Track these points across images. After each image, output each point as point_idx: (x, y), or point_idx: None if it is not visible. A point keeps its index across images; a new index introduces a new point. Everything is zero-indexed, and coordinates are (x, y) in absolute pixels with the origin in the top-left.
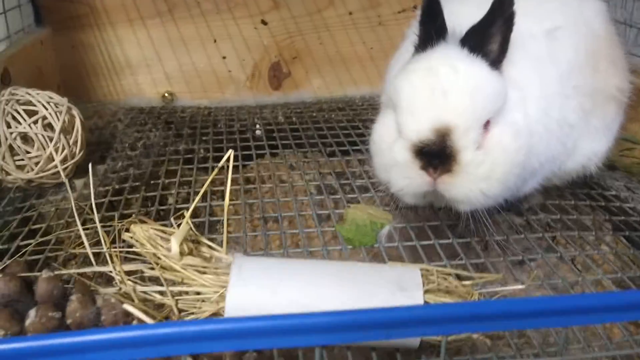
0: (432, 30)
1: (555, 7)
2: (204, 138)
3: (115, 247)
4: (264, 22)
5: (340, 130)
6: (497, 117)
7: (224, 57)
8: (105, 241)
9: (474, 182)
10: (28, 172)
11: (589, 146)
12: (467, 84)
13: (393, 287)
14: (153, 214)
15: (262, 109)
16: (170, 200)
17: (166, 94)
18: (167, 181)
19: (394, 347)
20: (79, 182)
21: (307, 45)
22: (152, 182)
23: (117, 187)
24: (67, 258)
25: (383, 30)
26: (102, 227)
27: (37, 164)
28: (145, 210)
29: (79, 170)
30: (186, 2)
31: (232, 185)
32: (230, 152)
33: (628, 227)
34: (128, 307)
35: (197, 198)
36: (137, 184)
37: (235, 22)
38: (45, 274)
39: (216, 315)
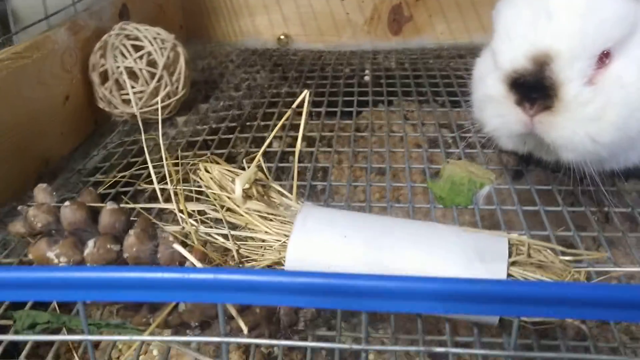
0: None
1: None
2: (308, 82)
3: (181, 186)
4: None
5: (455, 79)
6: (620, 49)
7: None
8: (172, 178)
9: (579, 123)
10: (133, 106)
11: None
12: (580, 2)
13: (472, 255)
14: (242, 157)
15: (375, 54)
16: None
17: (282, 37)
18: (262, 124)
19: (471, 321)
20: (180, 119)
21: None
22: (247, 123)
23: (214, 126)
24: (150, 195)
25: None
26: (179, 164)
27: (141, 99)
28: (236, 151)
29: (182, 107)
30: None
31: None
32: (306, 93)
33: None
34: (178, 247)
35: (269, 139)
36: (233, 124)
37: None
38: (109, 205)
39: (278, 264)
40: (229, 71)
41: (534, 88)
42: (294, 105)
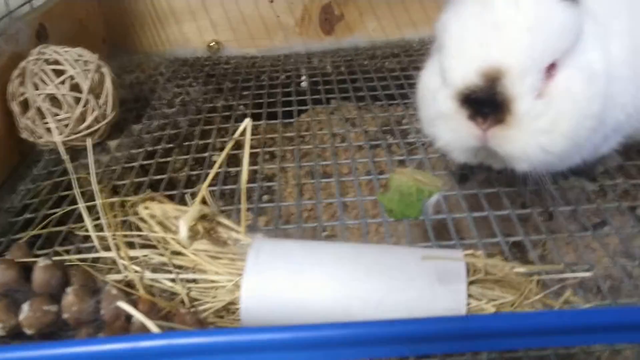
0: None
1: None
2: (244, 93)
3: (120, 227)
4: None
5: (392, 81)
6: (565, 59)
7: (272, 1)
8: (108, 223)
9: (531, 136)
10: (59, 134)
11: None
12: (527, 16)
13: (431, 278)
14: (183, 182)
15: (310, 57)
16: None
17: (212, 43)
18: (200, 143)
19: None
20: (112, 144)
21: None
22: (185, 143)
23: (149, 149)
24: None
25: None
26: (114, 203)
27: (66, 126)
28: (177, 175)
29: (113, 130)
30: None
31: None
32: (248, 123)
33: None
34: (123, 305)
35: (213, 171)
36: (170, 145)
37: None
38: (42, 262)
39: (232, 304)
40: (159, 85)
41: (486, 103)
42: (235, 135)
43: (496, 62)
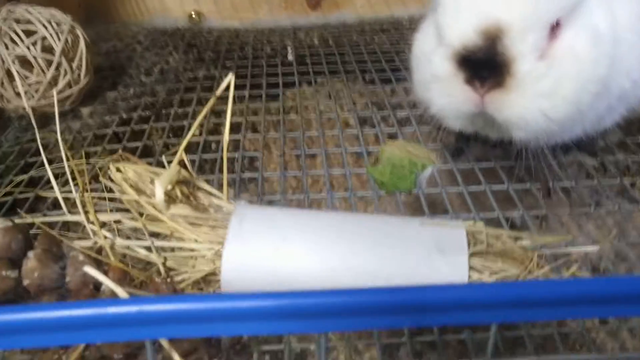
0: None
1: None
2: (227, 63)
3: (90, 191)
4: None
5: (382, 55)
6: (570, 18)
7: None
8: (77, 184)
9: (532, 100)
10: (29, 99)
11: None
12: None
13: (430, 248)
14: (159, 149)
15: (296, 31)
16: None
17: (193, 14)
18: (179, 111)
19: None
20: (85, 110)
21: None
22: (163, 111)
23: (124, 116)
24: (53, 203)
25: None
26: (84, 164)
27: (37, 90)
28: (152, 143)
29: (87, 97)
30: None
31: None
32: (230, 78)
33: None
34: (90, 269)
35: (191, 131)
36: (147, 113)
37: None
38: (1, 223)
39: (212, 275)
40: (137, 54)
41: (485, 65)
42: (218, 92)
43: (497, 19)
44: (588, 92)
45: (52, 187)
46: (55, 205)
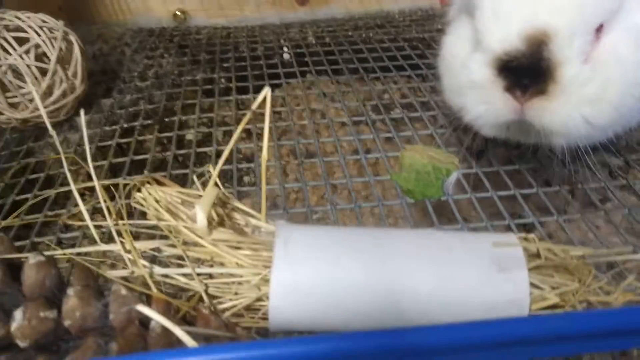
0: None
1: None
2: (224, 65)
3: (123, 219)
4: None
5: (383, 53)
6: (612, 21)
7: None
8: (109, 211)
9: (576, 106)
10: (22, 110)
11: None
12: None
13: (488, 265)
14: (170, 161)
15: (288, 28)
16: (189, 139)
17: (178, 13)
18: (184, 118)
19: None
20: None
21: None
22: (166, 119)
23: (125, 126)
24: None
25: None
26: (104, 186)
27: (31, 100)
28: (162, 155)
29: (81, 105)
30: None
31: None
32: (267, 91)
33: None
34: (142, 308)
35: (227, 150)
36: (149, 122)
37: None
38: (32, 258)
39: (259, 301)
40: (127, 57)
41: (527, 71)
42: (254, 106)
43: (543, 24)
44: (631, 96)
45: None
46: (67, 227)
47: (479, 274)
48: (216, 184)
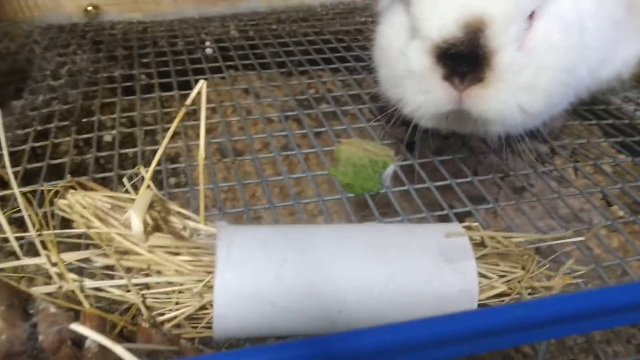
0: None
1: None
2: (143, 60)
3: (47, 229)
4: None
5: (310, 46)
6: (542, 7)
7: None
8: (32, 221)
9: (512, 93)
10: None
11: (627, 48)
12: None
13: (436, 256)
14: (91, 164)
15: (208, 21)
16: (108, 141)
17: (89, 8)
18: (103, 118)
19: None
20: None
21: None
22: (83, 120)
23: (39, 128)
24: None
25: None
26: (22, 193)
27: None
28: (80, 158)
29: None
30: None
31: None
32: (203, 83)
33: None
34: (76, 326)
35: (161, 149)
36: (65, 123)
37: None
38: None
39: (202, 310)
40: (37, 55)
41: (466, 59)
42: (188, 100)
43: (480, 11)
44: (562, 82)
45: None
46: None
47: (428, 267)
48: (149, 186)
